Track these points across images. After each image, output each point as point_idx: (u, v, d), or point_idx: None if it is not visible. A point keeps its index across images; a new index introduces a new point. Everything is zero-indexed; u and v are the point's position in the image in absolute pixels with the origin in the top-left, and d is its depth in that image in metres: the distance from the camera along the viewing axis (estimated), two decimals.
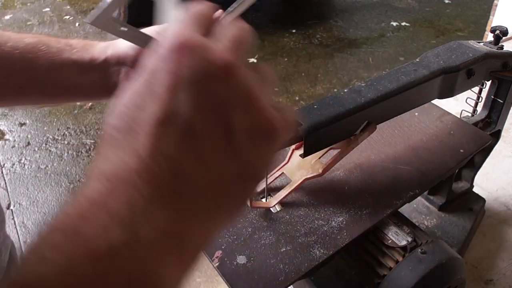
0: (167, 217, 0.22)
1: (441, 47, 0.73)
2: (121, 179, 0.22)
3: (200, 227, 0.23)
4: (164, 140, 0.22)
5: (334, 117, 0.58)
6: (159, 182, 0.22)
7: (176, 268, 0.22)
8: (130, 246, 0.20)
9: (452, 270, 0.59)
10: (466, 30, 3.55)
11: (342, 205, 0.62)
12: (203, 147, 0.23)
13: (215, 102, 0.23)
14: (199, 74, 0.23)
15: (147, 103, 0.23)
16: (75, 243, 0.20)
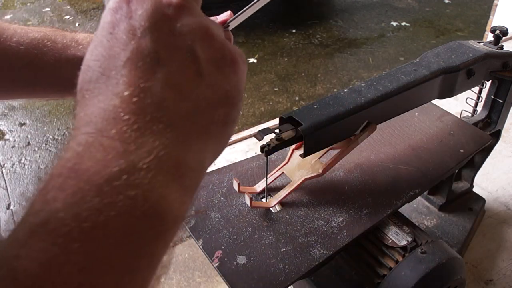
0: (158, 144, 0.23)
1: (441, 47, 0.73)
2: (109, 119, 0.23)
3: (193, 151, 0.25)
4: (140, 77, 0.24)
5: (334, 117, 0.58)
6: (144, 114, 0.23)
7: (178, 192, 0.24)
8: (129, 173, 0.22)
9: (452, 270, 0.59)
10: (466, 30, 3.56)
11: (342, 205, 0.62)
12: (175, 78, 0.25)
13: (176, 36, 0.26)
14: (151, 13, 0.25)
15: (114, 51, 0.25)
16: (77, 181, 0.21)
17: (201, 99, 0.26)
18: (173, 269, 1.00)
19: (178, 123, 0.25)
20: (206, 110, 0.26)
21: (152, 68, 0.25)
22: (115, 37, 0.25)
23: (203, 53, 0.26)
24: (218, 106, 0.27)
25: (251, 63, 3.03)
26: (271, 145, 0.55)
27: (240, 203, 0.62)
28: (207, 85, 0.26)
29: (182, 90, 0.25)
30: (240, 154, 1.11)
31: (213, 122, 0.27)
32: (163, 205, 0.23)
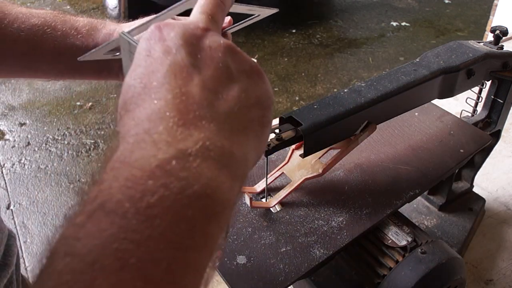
0: (204, 136, 0.25)
1: (441, 47, 0.73)
2: (155, 119, 0.25)
3: (236, 144, 0.27)
4: (180, 83, 0.27)
5: (334, 117, 0.58)
6: (187, 112, 0.26)
7: (226, 177, 0.25)
8: (178, 159, 0.24)
9: (452, 270, 0.59)
10: (466, 30, 3.56)
11: (342, 205, 0.62)
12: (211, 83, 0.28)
13: (207, 50, 0.29)
14: (182, 34, 0.29)
15: (153, 68, 0.28)
16: (130, 169, 0.23)
17: (236, 101, 0.29)
18: None
19: (219, 119, 0.27)
20: (243, 111, 0.29)
21: (190, 76, 0.28)
22: (152, 57, 0.28)
23: (233, 64, 0.30)
24: (252, 108, 0.30)
25: None
26: (271, 145, 0.55)
27: (240, 203, 0.62)
28: (240, 89, 0.29)
29: (218, 92, 0.28)
30: None
31: (251, 121, 0.29)
32: (212, 186, 0.24)
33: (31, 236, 1.81)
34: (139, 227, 0.21)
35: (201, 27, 0.30)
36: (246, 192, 0.62)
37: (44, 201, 2.00)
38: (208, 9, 0.33)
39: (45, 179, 2.12)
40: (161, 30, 0.29)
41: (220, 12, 0.34)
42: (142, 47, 0.29)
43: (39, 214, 1.93)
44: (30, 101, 2.70)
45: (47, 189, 2.06)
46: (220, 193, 0.25)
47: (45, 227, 1.87)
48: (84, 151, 2.29)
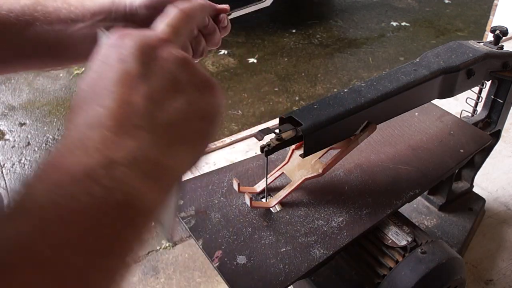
0: (136, 146, 0.26)
1: (441, 47, 0.73)
2: (93, 125, 0.26)
3: (169, 155, 0.28)
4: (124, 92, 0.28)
5: (334, 117, 0.58)
6: (125, 121, 0.27)
7: (151, 188, 0.26)
8: (106, 168, 0.24)
9: (452, 270, 0.59)
10: (466, 30, 3.56)
11: (342, 205, 0.62)
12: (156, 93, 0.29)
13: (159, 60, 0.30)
14: (139, 44, 0.30)
15: (105, 75, 0.29)
16: (57, 173, 0.24)
17: (179, 113, 0.30)
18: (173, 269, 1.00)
19: (156, 130, 0.28)
20: (185, 123, 0.30)
21: (136, 85, 0.29)
22: (106, 64, 0.30)
23: (183, 76, 0.31)
24: (196, 120, 0.31)
25: (251, 63, 3.03)
26: (271, 145, 0.55)
27: (240, 203, 0.62)
28: (185, 101, 0.30)
29: (161, 104, 0.29)
30: (240, 154, 1.10)
31: (191, 133, 0.30)
32: (136, 196, 0.25)
33: None
34: (58, 231, 0.22)
35: (161, 37, 0.31)
36: (246, 192, 0.62)
37: None
38: (172, 21, 0.34)
39: None
40: (122, 38, 0.30)
41: (185, 25, 0.35)
42: (100, 53, 0.31)
43: None
44: (30, 101, 2.70)
45: None
46: (141, 203, 0.25)
47: None
48: None
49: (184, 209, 0.62)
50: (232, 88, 2.79)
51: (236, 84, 2.83)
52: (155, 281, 1.19)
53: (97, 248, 0.23)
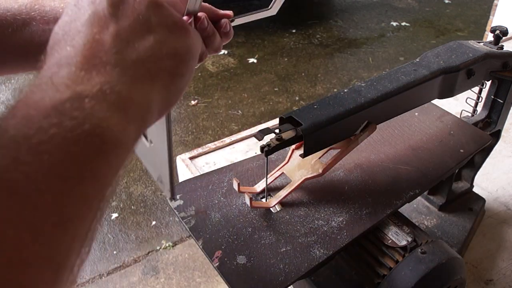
0: (104, 81, 0.28)
1: (441, 47, 0.73)
2: (62, 64, 0.28)
3: (138, 90, 0.30)
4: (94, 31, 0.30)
5: (334, 117, 0.58)
6: (94, 58, 0.28)
7: (120, 119, 0.28)
8: (74, 101, 0.26)
9: (452, 270, 0.59)
10: (466, 30, 3.56)
11: (342, 205, 0.62)
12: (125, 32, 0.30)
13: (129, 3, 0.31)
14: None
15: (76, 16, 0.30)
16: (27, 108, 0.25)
17: (148, 51, 0.31)
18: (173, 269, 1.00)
19: (124, 66, 0.29)
20: (153, 60, 0.31)
21: (106, 24, 0.30)
22: (77, 7, 0.31)
23: (155, 17, 0.32)
24: (165, 58, 0.32)
25: (251, 63, 3.03)
26: (271, 145, 0.55)
27: (240, 203, 0.62)
28: (155, 40, 0.32)
29: (130, 42, 0.30)
30: (240, 154, 1.10)
31: (160, 70, 0.31)
32: (104, 127, 0.26)
33: None
34: (30, 161, 0.23)
35: None
36: (246, 192, 0.62)
37: None
38: None
39: None
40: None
41: None
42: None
43: None
44: None
45: None
46: (110, 133, 0.27)
47: None
48: None
49: (184, 209, 0.62)
50: (232, 88, 2.79)
51: (236, 84, 2.83)
52: (155, 281, 1.18)
53: (69, 175, 0.24)
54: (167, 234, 1.67)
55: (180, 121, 2.47)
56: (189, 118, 2.50)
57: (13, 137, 0.23)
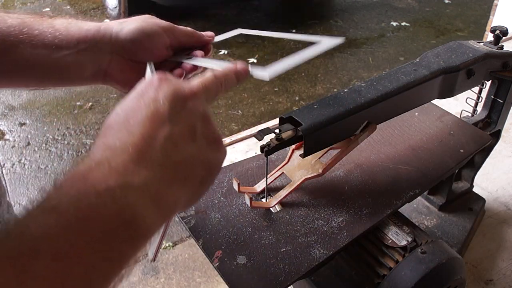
0: (149, 176, 0.32)
1: (441, 47, 0.73)
2: (119, 150, 0.32)
3: (171, 190, 0.33)
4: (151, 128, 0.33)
5: (334, 117, 0.58)
6: (145, 153, 0.32)
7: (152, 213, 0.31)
8: (122, 188, 0.30)
9: (452, 270, 0.59)
10: (466, 30, 3.55)
11: (342, 205, 0.62)
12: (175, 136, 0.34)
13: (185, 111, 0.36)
14: (173, 91, 0.36)
15: (139, 107, 0.34)
16: (85, 184, 0.29)
17: (189, 156, 0.35)
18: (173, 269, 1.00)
19: (167, 166, 0.33)
20: (191, 166, 0.35)
21: (163, 124, 0.34)
22: (142, 99, 0.35)
23: (201, 129, 0.36)
24: (199, 166, 0.36)
25: (251, 63, 3.03)
26: (271, 145, 0.55)
27: (240, 203, 0.62)
28: (197, 149, 0.36)
29: (177, 145, 0.34)
30: (240, 154, 1.10)
31: (193, 176, 0.35)
32: (139, 217, 0.30)
33: None
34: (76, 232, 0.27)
35: (193, 91, 0.37)
36: (246, 192, 0.62)
37: None
38: (207, 83, 0.39)
39: (45, 179, 2.12)
40: (161, 82, 0.36)
41: (215, 89, 0.40)
42: (141, 87, 0.36)
43: None
44: (30, 101, 2.70)
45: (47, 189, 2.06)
46: (143, 224, 0.30)
47: None
48: (84, 151, 2.29)
49: None
50: (232, 88, 2.79)
51: None
52: (155, 281, 1.19)
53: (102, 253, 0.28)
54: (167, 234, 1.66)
55: None
56: None
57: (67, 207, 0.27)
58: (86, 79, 0.52)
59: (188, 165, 0.35)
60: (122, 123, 0.34)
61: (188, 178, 0.35)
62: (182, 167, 0.34)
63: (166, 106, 0.35)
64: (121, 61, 0.51)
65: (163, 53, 0.52)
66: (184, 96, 0.36)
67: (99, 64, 0.50)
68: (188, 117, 0.36)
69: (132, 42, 0.49)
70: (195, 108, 0.36)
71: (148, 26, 0.50)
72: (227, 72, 0.43)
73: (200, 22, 3.47)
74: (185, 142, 0.35)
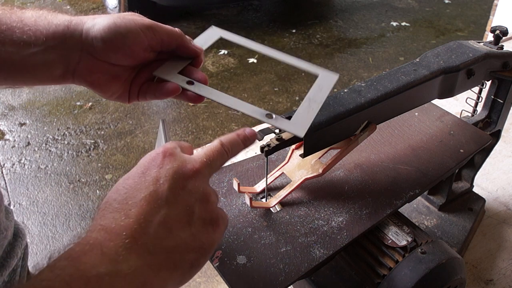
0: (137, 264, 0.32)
1: (441, 47, 0.73)
2: (114, 233, 0.32)
3: (159, 278, 0.33)
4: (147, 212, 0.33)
5: (334, 117, 0.58)
6: (137, 239, 0.32)
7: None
8: (111, 276, 0.30)
9: (452, 270, 0.59)
10: (466, 30, 3.56)
11: (342, 205, 0.62)
12: (171, 221, 0.34)
13: (185, 191, 0.35)
14: (175, 170, 0.36)
15: (140, 186, 0.35)
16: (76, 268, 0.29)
17: (182, 242, 0.35)
18: None
19: (158, 253, 0.33)
20: (182, 252, 0.35)
21: (159, 208, 0.34)
22: (144, 177, 0.35)
23: (198, 211, 0.36)
24: (192, 251, 0.35)
25: (251, 63, 3.03)
26: (271, 145, 0.55)
27: (240, 203, 0.62)
28: (191, 234, 0.35)
29: (172, 231, 0.34)
30: (240, 154, 1.10)
31: (184, 261, 0.35)
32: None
33: (31, 236, 1.81)
34: None
35: (195, 169, 0.37)
36: (246, 192, 0.62)
37: (44, 201, 2.00)
38: (213, 155, 0.39)
39: (45, 179, 2.12)
40: (164, 158, 0.36)
41: (220, 160, 0.40)
42: (144, 163, 0.37)
43: (39, 214, 1.93)
44: (30, 101, 2.70)
45: (47, 189, 2.06)
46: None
47: (45, 227, 1.87)
48: (84, 151, 2.29)
49: None
50: (232, 88, 2.79)
51: (236, 84, 2.82)
52: None
53: None
54: None
55: (180, 121, 2.47)
56: (189, 118, 2.50)
57: None
58: (55, 79, 0.47)
59: (180, 251, 0.34)
60: (121, 202, 0.34)
61: (178, 264, 0.35)
62: (173, 254, 0.34)
63: (166, 186, 0.35)
64: (91, 61, 0.45)
65: (140, 55, 0.46)
66: (186, 175, 0.36)
67: (68, 64, 0.45)
68: (186, 199, 0.35)
69: (103, 41, 0.44)
70: (195, 188, 0.36)
71: (123, 23, 0.44)
72: (234, 139, 0.43)
73: (200, 22, 3.47)
74: (180, 227, 0.35)
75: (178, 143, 0.40)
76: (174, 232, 0.34)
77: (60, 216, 1.92)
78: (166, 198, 0.34)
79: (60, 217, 1.91)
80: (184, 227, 0.35)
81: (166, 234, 0.34)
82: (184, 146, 0.41)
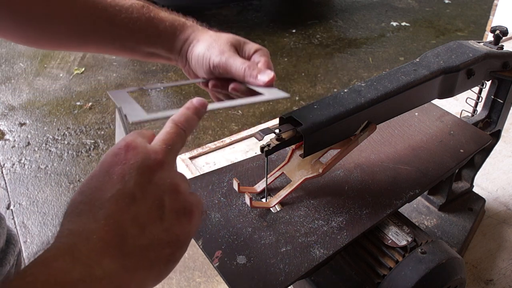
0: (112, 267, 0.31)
1: (441, 47, 0.73)
2: (84, 237, 0.31)
3: (135, 278, 0.32)
4: (116, 211, 0.32)
5: (334, 117, 0.58)
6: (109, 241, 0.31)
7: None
8: (85, 282, 0.29)
9: (452, 270, 0.59)
10: (466, 30, 3.56)
11: (342, 205, 0.62)
12: (142, 217, 0.33)
13: (152, 185, 0.34)
14: (139, 165, 0.34)
15: (105, 186, 0.33)
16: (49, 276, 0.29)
17: (156, 239, 0.34)
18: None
19: (132, 254, 0.32)
20: (157, 249, 0.34)
21: (127, 207, 0.33)
22: (108, 175, 0.34)
23: (169, 203, 0.35)
24: (167, 246, 0.34)
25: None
26: (271, 145, 0.55)
27: (240, 203, 0.62)
28: (164, 228, 0.34)
29: (144, 227, 0.33)
30: (240, 154, 1.11)
31: (160, 258, 0.34)
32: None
33: (31, 236, 1.81)
34: None
35: (159, 159, 0.35)
36: (246, 192, 0.62)
37: (44, 201, 2.00)
38: (170, 138, 0.38)
39: (45, 179, 2.12)
40: (127, 152, 0.35)
41: (180, 142, 0.39)
42: (106, 160, 0.35)
43: (39, 214, 1.93)
44: (30, 101, 2.70)
45: (47, 189, 2.06)
46: None
47: (45, 227, 1.87)
48: (84, 151, 2.29)
49: None
50: None
51: None
52: None
53: None
54: None
55: None
56: None
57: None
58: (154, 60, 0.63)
59: (155, 248, 0.34)
60: (87, 204, 0.33)
61: (154, 262, 0.34)
62: (147, 252, 0.33)
63: (132, 183, 0.33)
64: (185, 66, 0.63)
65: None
66: (151, 168, 0.35)
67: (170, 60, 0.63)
68: (155, 192, 0.34)
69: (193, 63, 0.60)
70: (161, 180, 0.35)
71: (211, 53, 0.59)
72: (186, 114, 0.41)
73: (200, 22, 3.47)
74: (152, 223, 0.34)
75: (139, 132, 0.38)
76: (147, 229, 0.33)
77: (60, 216, 1.92)
78: (134, 195, 0.33)
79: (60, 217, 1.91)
80: (156, 223, 0.34)
81: (138, 232, 0.33)
82: (145, 134, 0.39)
